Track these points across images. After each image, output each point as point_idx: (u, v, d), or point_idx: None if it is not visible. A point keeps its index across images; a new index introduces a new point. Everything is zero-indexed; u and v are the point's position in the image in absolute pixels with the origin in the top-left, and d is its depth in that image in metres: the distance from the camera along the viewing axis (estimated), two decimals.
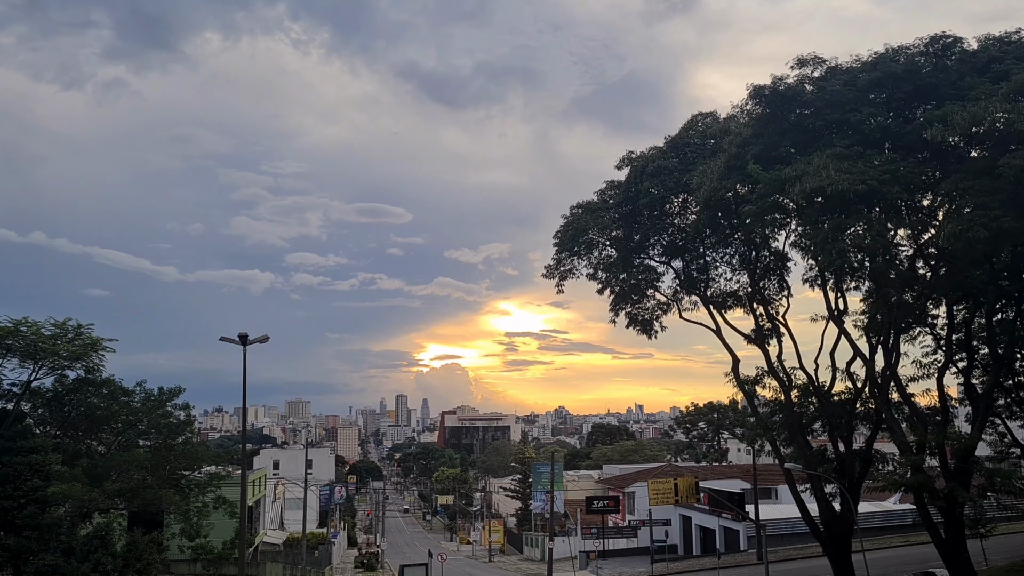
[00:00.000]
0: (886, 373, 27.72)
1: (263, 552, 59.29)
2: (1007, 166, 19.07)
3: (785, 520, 48.43)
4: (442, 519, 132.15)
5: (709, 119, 29.80)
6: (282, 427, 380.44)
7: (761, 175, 22.72)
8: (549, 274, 32.56)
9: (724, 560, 45.37)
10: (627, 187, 29.73)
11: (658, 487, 53.16)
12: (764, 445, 34.13)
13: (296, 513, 74.60)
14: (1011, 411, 32.59)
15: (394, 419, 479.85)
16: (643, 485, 59.57)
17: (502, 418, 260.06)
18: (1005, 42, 23.20)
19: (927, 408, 29.39)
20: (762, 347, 30.61)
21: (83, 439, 36.99)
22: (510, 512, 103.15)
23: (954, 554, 26.37)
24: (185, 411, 39.73)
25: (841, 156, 21.77)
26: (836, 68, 24.30)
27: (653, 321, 33.31)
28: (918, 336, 30.70)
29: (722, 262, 31.77)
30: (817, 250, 22.88)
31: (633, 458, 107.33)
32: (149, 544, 33.14)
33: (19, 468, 28.56)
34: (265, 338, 27.65)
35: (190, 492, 35.63)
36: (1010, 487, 26.97)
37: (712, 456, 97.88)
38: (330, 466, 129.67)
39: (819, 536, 30.23)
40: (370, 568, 66.42)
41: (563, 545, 62.32)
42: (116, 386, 36.09)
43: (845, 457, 29.23)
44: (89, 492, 29.90)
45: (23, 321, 31.73)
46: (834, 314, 28.42)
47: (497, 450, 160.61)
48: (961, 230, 19.46)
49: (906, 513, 49.86)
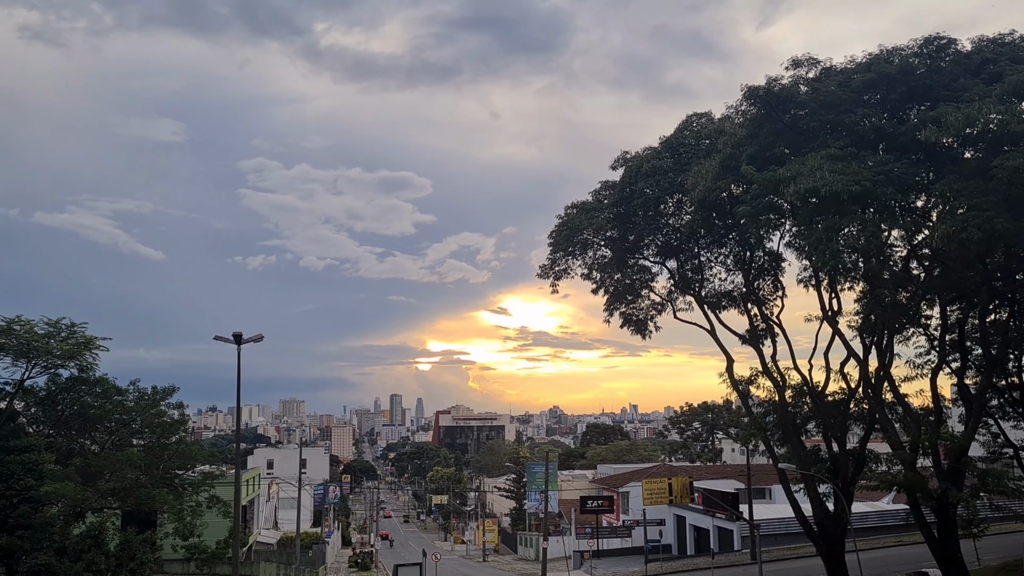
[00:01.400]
0: (880, 373, 27.80)
1: (257, 552, 59.14)
2: (1001, 167, 19.12)
3: (779, 520, 48.58)
4: (436, 519, 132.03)
5: (704, 119, 29.85)
6: (276, 426, 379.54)
7: (755, 176, 22.75)
8: (544, 274, 32.67)
9: (718, 560, 45.42)
10: (622, 187, 29.77)
11: (652, 487, 53.25)
12: (758, 445, 34.23)
13: (290, 513, 74.39)
14: (1004, 412, 32.74)
15: (388, 419, 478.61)
16: (637, 485, 59.64)
17: (496, 418, 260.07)
18: (999, 44, 23.29)
19: (920, 408, 29.45)
20: (756, 347, 30.69)
21: (76, 438, 36.83)
22: (504, 512, 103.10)
23: (947, 554, 26.44)
24: (179, 410, 39.57)
25: (835, 157, 21.82)
26: (830, 69, 24.37)
27: (647, 321, 33.42)
28: (912, 336, 30.80)
29: (716, 262, 31.88)
30: (811, 251, 22.92)
31: (627, 458, 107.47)
32: (142, 543, 32.99)
33: (12, 467, 28.47)
34: (259, 337, 27.61)
35: (184, 491, 35.48)
36: (1003, 487, 27.09)
37: (706, 456, 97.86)
38: (324, 465, 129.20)
39: (813, 536, 30.31)
40: (364, 568, 66.33)
41: (557, 545, 62.39)
42: (109, 385, 35.95)
43: (839, 457, 29.29)
44: (82, 491, 29.76)
45: (16, 320, 31.65)
46: (828, 314, 28.51)
47: (491, 450, 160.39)
48: (955, 231, 19.52)
49: (899, 513, 49.91)
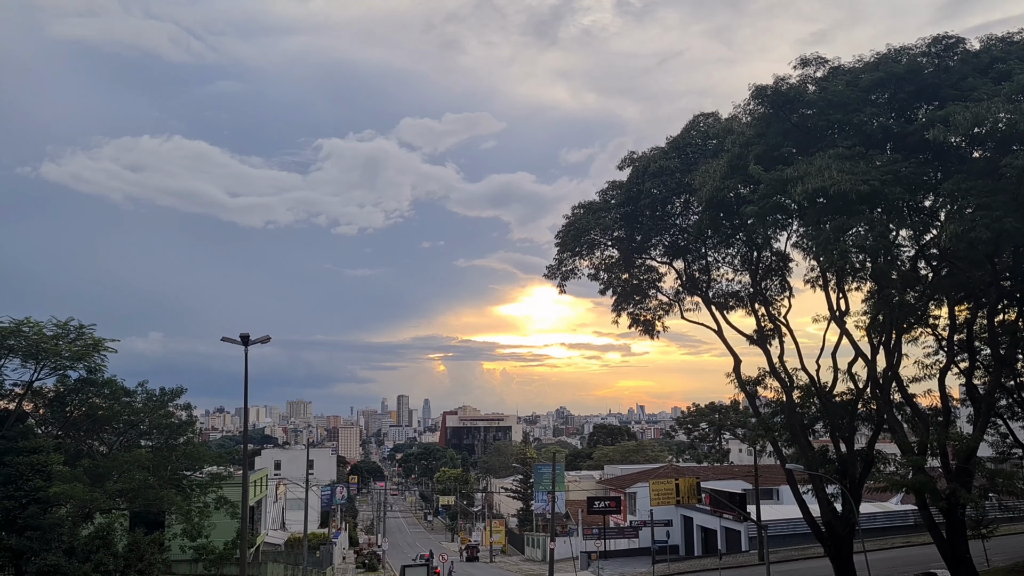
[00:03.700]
0: (888, 374, 27.70)
1: (264, 552, 59.26)
2: (1009, 167, 19.04)
3: (787, 521, 48.43)
4: (443, 519, 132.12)
5: (711, 119, 29.78)
6: (283, 427, 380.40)
7: (763, 175, 22.69)
8: (551, 274, 32.61)
9: (725, 561, 45.32)
10: (629, 187, 29.75)
11: (659, 487, 53.11)
12: (766, 446, 34.11)
13: (297, 513, 74.56)
14: (1013, 412, 32.63)
15: (395, 419, 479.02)
16: (644, 486, 59.55)
17: (503, 418, 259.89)
18: (1007, 42, 23.15)
19: (929, 409, 29.40)
20: (764, 348, 30.62)
21: (85, 439, 37.02)
22: (511, 512, 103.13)
23: (956, 555, 26.33)
24: (187, 411, 39.82)
25: (843, 156, 21.74)
26: (838, 68, 24.26)
27: (655, 321, 33.36)
28: (920, 337, 30.69)
29: (724, 263, 31.79)
30: (819, 251, 22.87)
31: (634, 458, 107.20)
32: (151, 544, 33.21)
33: (21, 468, 28.61)
34: (267, 338, 27.66)
35: (191, 492, 35.60)
36: (1012, 488, 26.99)
37: (713, 457, 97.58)
38: (331, 466, 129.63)
39: (820, 537, 30.21)
40: (371, 568, 66.44)
41: (564, 545, 62.35)
42: (118, 386, 36.13)
43: (847, 458, 29.19)
44: (91, 492, 29.88)
45: (25, 321, 31.81)
46: (836, 315, 28.41)
47: (498, 450, 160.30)
48: (963, 231, 19.44)
49: (908, 514, 49.87)
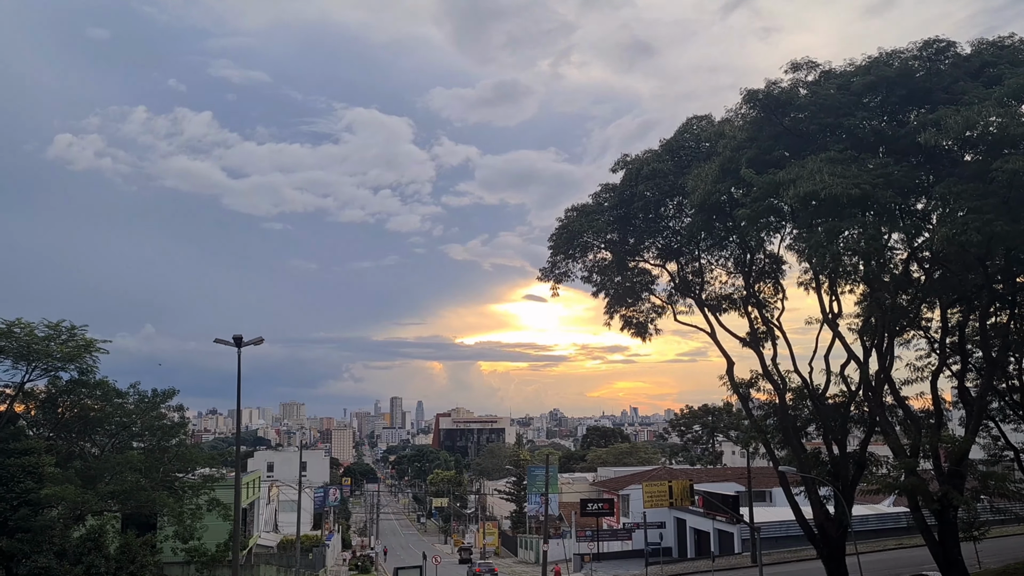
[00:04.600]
0: (880, 376, 27.78)
1: (257, 554, 59.11)
2: (1000, 170, 19.12)
3: (779, 523, 48.57)
4: (436, 522, 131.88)
5: (704, 122, 29.88)
6: (276, 429, 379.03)
7: (755, 179, 22.76)
8: (544, 276, 32.65)
9: (718, 563, 45.37)
10: (622, 190, 29.80)
11: (652, 490, 53.18)
12: (758, 448, 34.22)
13: (290, 515, 74.27)
14: (1005, 414, 32.76)
15: (389, 421, 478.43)
16: (637, 488, 59.59)
17: (497, 420, 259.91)
18: (998, 47, 23.28)
19: (921, 411, 29.46)
20: (757, 350, 30.67)
21: (76, 441, 36.82)
22: (504, 515, 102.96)
23: (948, 557, 26.41)
24: (179, 413, 39.61)
25: (835, 160, 21.82)
26: (830, 72, 24.37)
27: (648, 324, 33.38)
28: (912, 339, 30.84)
29: (717, 265, 31.89)
30: (811, 253, 22.93)
31: (628, 461, 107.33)
32: (142, 546, 33.03)
33: (12, 470, 28.49)
34: (260, 340, 27.59)
35: (184, 494, 35.44)
36: (1004, 490, 27.12)
37: (706, 459, 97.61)
38: (324, 468, 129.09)
39: (813, 539, 30.27)
40: (364, 571, 66.25)
41: (557, 547, 62.36)
42: (110, 388, 35.97)
43: (839, 460, 29.27)
44: (82, 494, 29.75)
45: (16, 322, 31.68)
46: (828, 317, 28.50)
47: (492, 452, 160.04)
48: (955, 234, 19.53)
49: (900, 516, 50.07)
